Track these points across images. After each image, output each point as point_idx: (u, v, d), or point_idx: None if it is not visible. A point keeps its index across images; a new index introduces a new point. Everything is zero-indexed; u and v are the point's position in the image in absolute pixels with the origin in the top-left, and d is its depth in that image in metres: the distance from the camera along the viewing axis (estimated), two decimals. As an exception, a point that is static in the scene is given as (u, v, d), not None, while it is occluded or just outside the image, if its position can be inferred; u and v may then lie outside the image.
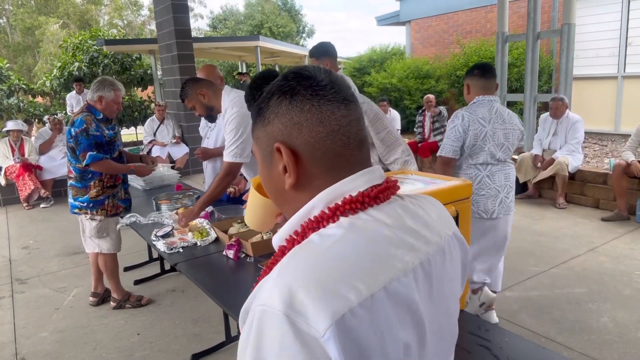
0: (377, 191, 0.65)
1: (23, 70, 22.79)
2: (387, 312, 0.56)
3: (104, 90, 2.98)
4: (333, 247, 0.58)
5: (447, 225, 0.72)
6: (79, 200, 3.04)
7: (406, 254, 0.61)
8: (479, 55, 7.98)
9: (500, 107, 2.67)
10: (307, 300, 0.51)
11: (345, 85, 0.68)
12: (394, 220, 0.64)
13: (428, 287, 0.63)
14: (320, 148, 0.65)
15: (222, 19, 29.58)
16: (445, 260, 0.68)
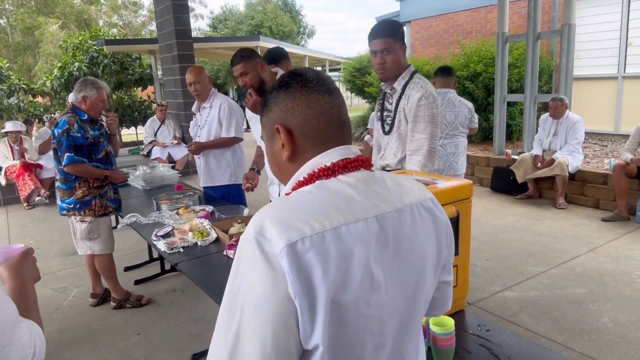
0: (346, 162, 0.84)
1: (23, 70, 22.79)
2: (333, 247, 0.72)
3: (86, 89, 2.98)
4: (301, 198, 0.78)
5: (412, 196, 0.87)
6: (66, 202, 3.04)
7: (362, 207, 0.78)
8: (479, 56, 7.98)
9: (452, 97, 3.90)
10: (272, 229, 0.71)
11: (330, 80, 0.88)
12: (358, 183, 0.82)
13: (383, 238, 0.79)
14: (308, 126, 0.85)
15: (222, 19, 29.58)
16: (403, 220, 0.82)
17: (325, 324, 0.70)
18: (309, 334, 0.70)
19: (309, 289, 0.69)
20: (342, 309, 0.71)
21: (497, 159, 6.39)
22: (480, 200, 5.68)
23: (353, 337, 0.74)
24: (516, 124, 7.58)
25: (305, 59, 16.53)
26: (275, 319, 0.68)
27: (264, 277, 0.69)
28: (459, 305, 1.61)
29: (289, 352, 0.69)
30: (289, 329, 0.69)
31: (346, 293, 0.71)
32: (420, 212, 0.86)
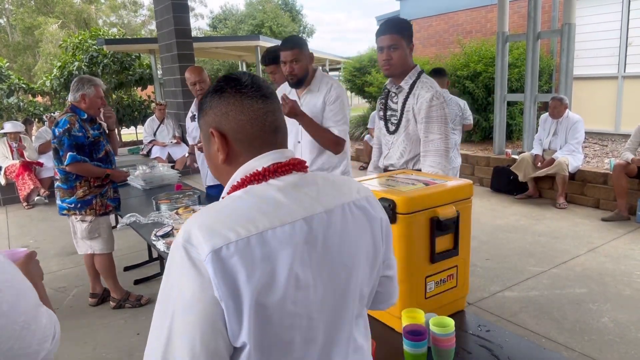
0: (277, 166, 0.86)
1: (23, 70, 22.78)
2: (258, 251, 0.75)
3: (84, 88, 2.98)
4: (230, 204, 0.81)
5: (345, 196, 0.90)
6: (66, 201, 3.04)
7: (289, 211, 0.81)
8: (479, 55, 7.97)
9: (445, 95, 4.01)
10: (199, 236, 0.74)
11: (266, 85, 0.90)
12: (287, 187, 0.84)
13: (313, 239, 0.82)
14: (241, 132, 0.87)
15: (222, 18, 29.58)
16: (332, 220, 0.85)
17: (251, 323, 0.74)
18: (237, 333, 0.74)
19: (235, 292, 0.72)
20: (268, 309, 0.75)
21: (497, 159, 6.39)
22: (480, 200, 5.68)
23: (280, 333, 0.78)
24: (516, 123, 7.58)
25: (305, 59, 16.52)
26: (203, 322, 0.72)
27: (192, 282, 0.72)
28: (459, 305, 1.61)
29: (217, 351, 0.73)
30: (216, 331, 0.73)
31: (271, 294, 0.75)
32: (353, 210, 0.89)
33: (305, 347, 0.82)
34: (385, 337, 1.44)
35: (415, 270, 1.44)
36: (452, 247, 1.51)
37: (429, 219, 1.43)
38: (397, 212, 1.38)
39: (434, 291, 1.50)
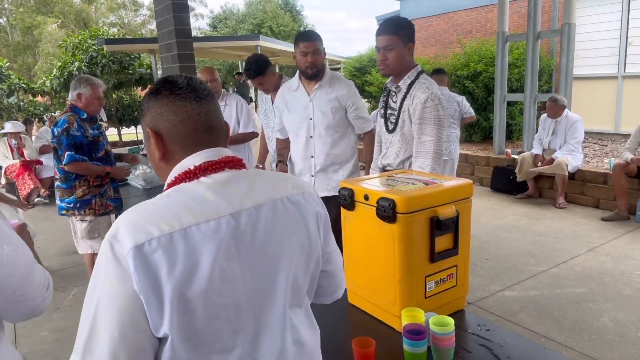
0: (208, 165, 0.89)
1: (23, 70, 22.78)
2: (180, 247, 0.78)
3: (80, 87, 2.99)
4: (158, 201, 0.84)
5: (279, 191, 0.94)
6: (65, 201, 3.04)
7: (216, 207, 0.84)
8: (479, 55, 7.97)
9: (443, 93, 4.13)
10: (124, 232, 0.78)
11: (202, 87, 0.93)
12: (216, 184, 0.87)
13: (240, 233, 0.85)
14: (175, 131, 0.91)
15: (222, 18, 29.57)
16: (261, 215, 0.88)
17: (174, 315, 0.77)
18: (159, 325, 0.77)
19: (156, 285, 0.76)
20: (191, 301, 0.78)
21: (497, 159, 6.39)
22: (480, 200, 5.68)
23: (205, 324, 0.81)
24: (516, 123, 7.58)
25: (305, 59, 16.51)
26: (122, 313, 0.76)
27: (114, 276, 0.77)
28: (458, 304, 1.61)
29: (137, 343, 0.76)
30: (135, 322, 0.76)
31: (194, 286, 0.78)
32: (286, 205, 0.93)
33: (234, 337, 0.85)
34: (385, 337, 1.45)
35: (415, 270, 1.44)
36: (452, 246, 1.51)
37: (428, 218, 1.43)
38: (397, 211, 1.38)
39: (434, 290, 1.50)
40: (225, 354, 0.84)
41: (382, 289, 1.51)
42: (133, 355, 0.77)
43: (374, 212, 1.46)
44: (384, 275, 1.48)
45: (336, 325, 1.60)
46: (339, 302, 1.71)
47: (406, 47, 2.19)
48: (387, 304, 1.50)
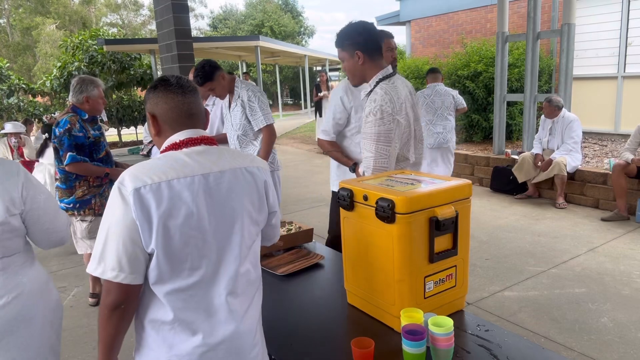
0: (188, 140, 1.25)
1: (23, 70, 22.78)
2: (165, 192, 1.14)
3: (87, 90, 3.00)
4: (152, 162, 1.19)
5: (239, 163, 1.29)
6: (65, 202, 3.04)
7: (192, 168, 1.19)
8: (479, 55, 7.97)
9: (439, 88, 5.30)
10: (128, 180, 1.14)
11: (188, 84, 1.29)
12: (193, 153, 1.23)
13: (208, 189, 1.20)
14: (166, 115, 1.26)
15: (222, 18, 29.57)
16: (224, 178, 1.24)
17: (158, 237, 1.13)
18: (148, 242, 1.13)
19: (148, 216, 1.12)
20: (170, 230, 1.14)
21: (496, 159, 6.39)
22: (480, 200, 5.68)
23: (180, 247, 1.16)
24: (516, 123, 7.58)
25: (305, 59, 16.52)
26: (125, 233, 1.12)
27: (121, 208, 1.13)
28: (458, 305, 1.61)
29: (134, 253, 1.13)
30: (133, 239, 1.12)
31: (173, 220, 1.14)
32: (244, 173, 1.28)
33: (200, 260, 1.19)
34: (384, 337, 1.45)
35: (414, 270, 1.44)
36: (451, 247, 1.52)
37: (428, 218, 1.43)
38: (396, 212, 1.38)
39: (433, 291, 1.50)
40: (193, 271, 1.19)
41: (381, 290, 1.51)
42: (131, 261, 1.13)
43: (373, 212, 1.46)
44: (383, 275, 1.49)
45: (335, 326, 1.60)
46: (339, 303, 1.71)
47: (354, 58, 2.09)
48: (387, 305, 1.50)
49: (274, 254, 2.20)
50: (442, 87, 5.33)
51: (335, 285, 1.81)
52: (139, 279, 1.15)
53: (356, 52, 2.08)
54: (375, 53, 2.11)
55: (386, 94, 2.01)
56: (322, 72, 9.10)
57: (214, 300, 1.22)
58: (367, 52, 2.08)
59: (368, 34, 2.08)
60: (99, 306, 1.19)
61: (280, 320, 1.63)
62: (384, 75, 2.09)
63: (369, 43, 2.08)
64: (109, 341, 1.19)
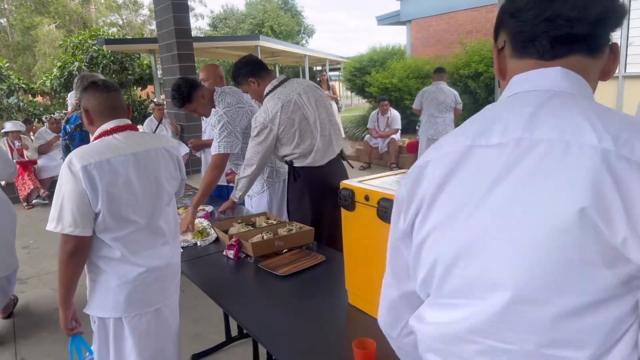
0: (116, 127, 1.66)
1: (23, 70, 22.76)
2: (106, 168, 1.55)
3: None
4: (91, 145, 1.61)
5: (160, 144, 1.75)
6: None
7: (123, 149, 1.61)
8: (480, 55, 7.97)
9: (443, 87, 6.00)
10: (75, 160, 1.52)
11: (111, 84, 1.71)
12: (122, 137, 1.64)
13: (137, 164, 1.63)
14: (95, 109, 1.67)
15: (222, 18, 29.58)
16: (149, 155, 1.68)
17: (103, 201, 1.54)
18: (95, 205, 1.55)
19: (94, 186, 1.53)
20: (112, 194, 1.56)
21: (497, 159, 6.38)
22: (480, 200, 5.67)
23: (119, 206, 1.59)
24: (516, 123, 7.58)
25: (305, 59, 16.52)
26: (78, 199, 1.52)
27: (72, 181, 1.52)
28: (459, 305, 1.61)
29: (85, 212, 1.53)
30: (84, 202, 1.52)
31: (113, 187, 1.56)
32: (163, 152, 1.74)
33: (135, 214, 1.64)
34: (385, 338, 1.44)
35: (416, 271, 1.43)
36: (453, 247, 1.51)
37: (429, 219, 1.42)
38: (398, 212, 1.37)
39: (435, 291, 1.49)
40: (131, 223, 1.64)
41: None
42: (83, 219, 1.53)
43: (374, 212, 1.45)
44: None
45: (337, 326, 1.59)
46: (340, 303, 1.70)
47: (249, 84, 2.61)
48: (388, 305, 1.50)
49: (275, 254, 2.20)
50: (445, 86, 6.03)
51: (336, 285, 1.81)
52: (89, 232, 1.55)
53: (249, 80, 2.59)
54: (263, 72, 2.61)
55: (264, 111, 2.51)
56: (322, 72, 9.10)
57: (150, 242, 1.70)
58: (257, 76, 2.59)
59: (248, 62, 2.63)
60: (59, 255, 1.57)
61: (281, 321, 1.63)
62: (268, 90, 2.58)
63: (255, 68, 2.60)
64: (67, 283, 1.58)
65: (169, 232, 1.77)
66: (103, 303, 1.64)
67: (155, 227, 1.70)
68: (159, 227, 1.72)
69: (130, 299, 1.64)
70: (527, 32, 0.75)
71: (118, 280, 1.62)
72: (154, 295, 1.70)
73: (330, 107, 2.73)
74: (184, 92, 2.84)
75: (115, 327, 1.66)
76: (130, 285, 1.63)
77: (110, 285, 1.62)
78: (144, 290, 1.66)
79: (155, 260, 1.69)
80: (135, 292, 1.64)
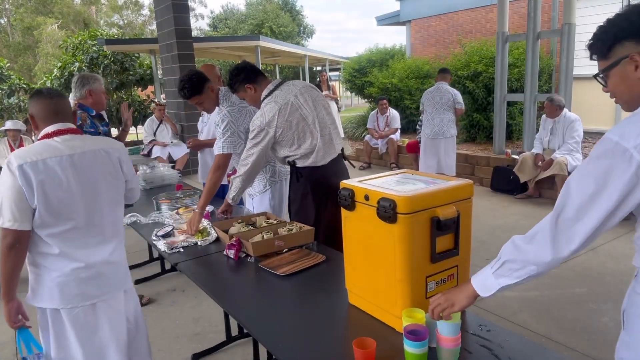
0: (57, 131, 1.77)
1: (23, 70, 22.76)
2: (42, 167, 1.66)
3: (89, 83, 3.04)
4: (31, 147, 1.72)
5: (99, 146, 1.84)
6: None
7: (60, 150, 1.71)
8: (479, 55, 7.97)
9: (441, 87, 6.08)
10: (13, 159, 1.65)
11: (56, 92, 1.85)
12: (62, 140, 1.75)
13: (73, 165, 1.73)
14: (40, 114, 1.79)
15: (222, 18, 29.57)
16: (85, 156, 1.77)
17: (39, 197, 1.65)
18: (32, 201, 1.64)
19: (30, 183, 1.64)
20: (47, 192, 1.66)
21: (497, 159, 6.39)
22: (480, 200, 5.68)
23: (55, 204, 1.69)
24: (516, 123, 7.58)
25: (305, 59, 16.52)
26: (15, 195, 1.63)
27: (10, 179, 1.63)
28: (459, 305, 1.61)
29: (23, 208, 1.63)
30: (21, 198, 1.63)
31: (47, 185, 1.66)
32: (101, 152, 1.83)
33: (71, 213, 1.73)
34: (385, 337, 1.45)
35: (415, 270, 1.44)
36: (452, 247, 1.51)
37: (429, 218, 1.43)
38: (398, 212, 1.38)
39: (435, 291, 1.50)
40: (68, 220, 1.73)
41: (382, 290, 1.51)
42: (21, 214, 1.63)
43: (374, 212, 1.46)
44: (385, 275, 1.49)
45: (337, 326, 1.60)
46: (339, 303, 1.71)
47: (245, 91, 2.63)
48: (388, 305, 1.50)
49: (275, 254, 2.20)
50: (444, 86, 6.06)
51: (336, 285, 1.81)
52: (27, 226, 1.65)
53: (246, 86, 2.61)
54: (259, 77, 2.62)
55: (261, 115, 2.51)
56: (322, 72, 9.11)
57: (87, 239, 1.79)
58: (253, 82, 2.61)
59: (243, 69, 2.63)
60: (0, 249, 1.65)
61: (281, 320, 1.63)
62: (264, 95, 2.59)
63: (250, 74, 2.61)
64: (8, 275, 1.67)
65: (108, 231, 1.85)
66: (40, 294, 1.74)
67: (93, 225, 1.79)
68: (97, 226, 1.81)
69: (65, 292, 1.73)
70: None
71: (54, 273, 1.72)
72: (90, 290, 1.77)
73: (328, 107, 2.74)
74: (195, 83, 2.91)
75: (54, 318, 1.76)
76: (66, 279, 1.72)
77: (47, 278, 1.72)
78: (79, 285, 1.75)
79: (92, 257, 1.78)
80: (70, 286, 1.73)
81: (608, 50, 1.12)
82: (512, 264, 1.20)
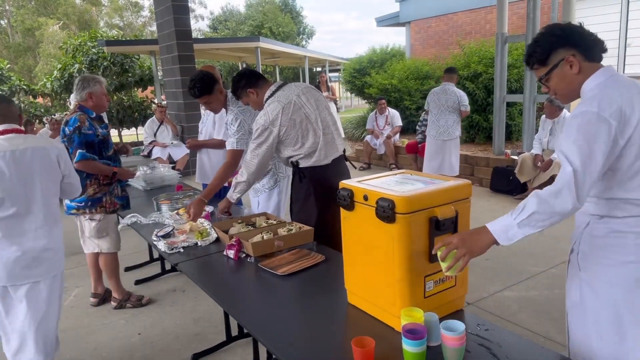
0: (3, 131, 2.11)
1: (24, 71, 22.79)
2: None
3: (89, 86, 3.02)
4: None
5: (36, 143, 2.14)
6: (76, 200, 3.03)
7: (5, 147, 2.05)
8: (479, 56, 7.98)
9: (447, 87, 5.93)
10: None
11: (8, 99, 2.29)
12: (7, 139, 2.09)
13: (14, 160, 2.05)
14: None
15: (222, 19, 29.60)
16: (25, 152, 2.08)
17: None
18: None
19: None
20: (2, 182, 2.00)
21: (496, 159, 6.40)
22: (479, 201, 5.68)
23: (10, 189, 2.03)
24: (516, 124, 7.59)
25: (305, 60, 16.54)
26: None
27: None
28: (457, 304, 1.62)
29: None
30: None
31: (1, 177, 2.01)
32: (40, 150, 2.12)
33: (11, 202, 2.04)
34: (384, 336, 1.45)
35: (414, 270, 1.45)
36: (451, 246, 1.52)
37: (428, 218, 1.44)
38: (396, 211, 1.39)
39: (433, 290, 1.51)
40: (8, 209, 2.03)
41: (381, 289, 1.52)
42: None
43: (373, 212, 1.47)
44: (384, 275, 1.49)
45: (336, 325, 1.61)
46: (339, 302, 1.72)
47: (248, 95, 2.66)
48: (387, 304, 1.51)
49: (275, 254, 2.21)
50: (451, 88, 5.93)
51: (336, 284, 1.82)
52: None
53: (248, 91, 2.64)
54: (260, 81, 2.65)
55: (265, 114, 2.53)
56: (322, 73, 9.13)
57: (25, 226, 2.10)
58: (254, 85, 2.64)
59: (244, 75, 2.67)
60: None
61: (281, 320, 1.64)
62: (267, 96, 2.61)
63: (251, 78, 2.65)
64: None
65: (46, 220, 2.16)
66: None
67: (30, 214, 2.11)
68: (36, 215, 2.12)
69: (9, 273, 2.08)
70: None
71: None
72: (31, 271, 2.12)
73: (329, 107, 2.76)
74: (206, 83, 3.03)
75: (3, 293, 2.14)
76: (8, 260, 2.07)
77: None
78: (21, 267, 2.09)
79: (30, 242, 2.11)
80: (14, 267, 2.08)
81: (546, 58, 1.46)
82: (540, 215, 1.43)
